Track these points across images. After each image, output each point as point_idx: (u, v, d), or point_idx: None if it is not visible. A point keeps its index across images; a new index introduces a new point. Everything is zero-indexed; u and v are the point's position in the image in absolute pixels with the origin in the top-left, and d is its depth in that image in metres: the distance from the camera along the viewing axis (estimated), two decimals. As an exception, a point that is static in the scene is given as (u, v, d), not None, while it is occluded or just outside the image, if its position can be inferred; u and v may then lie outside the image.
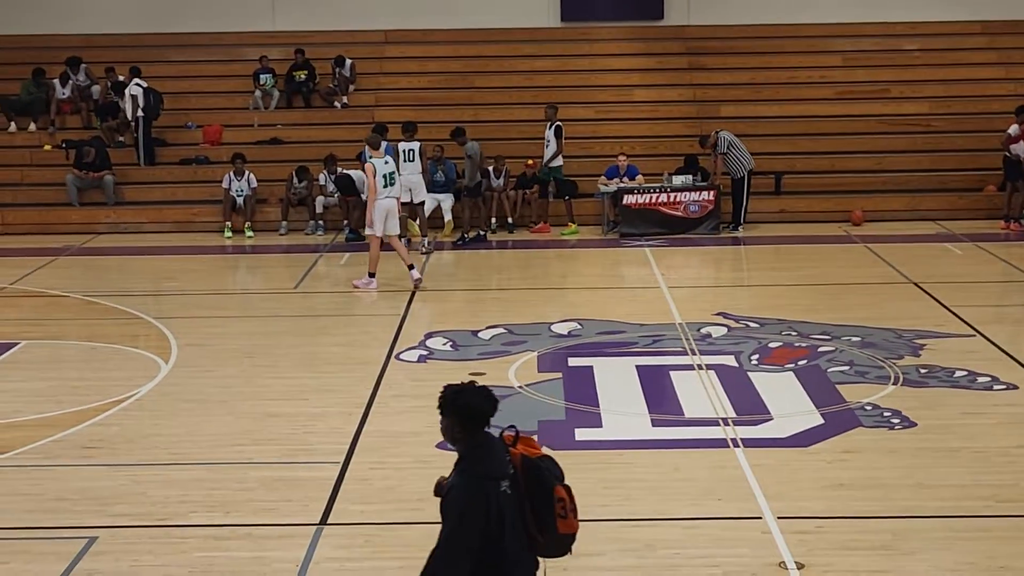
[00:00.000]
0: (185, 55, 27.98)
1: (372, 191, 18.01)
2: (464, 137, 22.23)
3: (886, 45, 27.85)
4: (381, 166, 18.07)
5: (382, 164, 18.12)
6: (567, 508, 6.04)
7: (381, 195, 17.99)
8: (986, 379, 12.93)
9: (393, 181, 18.16)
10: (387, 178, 18.08)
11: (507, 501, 5.85)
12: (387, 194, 18.07)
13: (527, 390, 12.83)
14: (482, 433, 5.93)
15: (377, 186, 17.93)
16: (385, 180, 18.03)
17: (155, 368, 13.88)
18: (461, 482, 5.83)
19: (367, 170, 18.15)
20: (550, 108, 23.03)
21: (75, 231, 23.22)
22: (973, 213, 23.32)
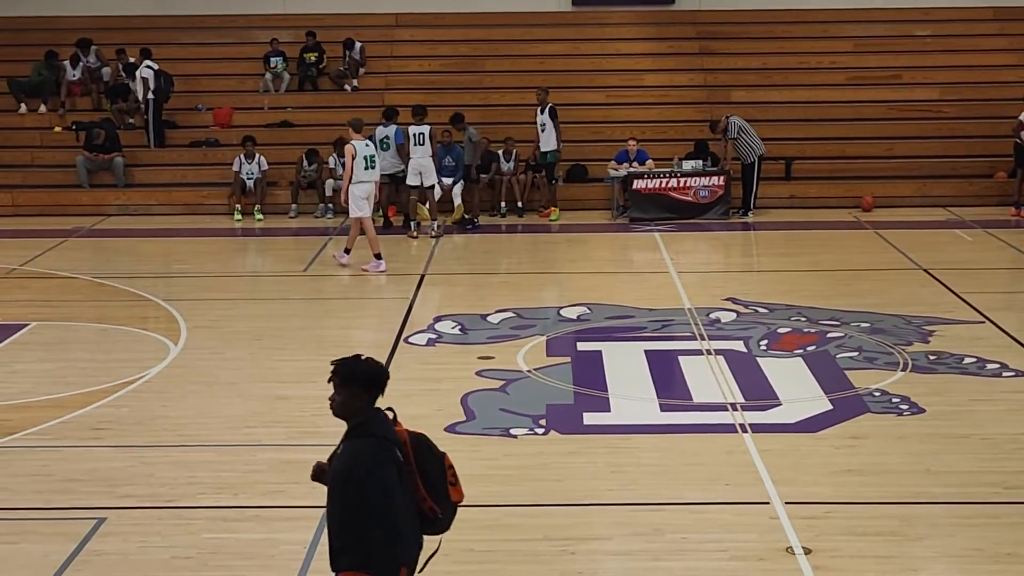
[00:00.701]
0: (196, 37, 27.96)
1: (348, 172, 18.12)
2: (463, 123, 22.14)
3: (897, 31, 27.75)
4: (362, 148, 18.18)
5: (363, 146, 18.22)
6: (456, 476, 6.18)
7: (361, 177, 18.11)
8: (995, 366, 12.92)
9: (374, 164, 18.29)
10: (368, 160, 18.16)
11: (402, 468, 5.91)
12: (367, 177, 18.20)
13: (536, 374, 12.84)
14: (374, 406, 5.99)
15: (356, 168, 18.02)
16: (366, 162, 18.14)
17: (164, 350, 13.91)
18: (360, 444, 5.88)
19: (346, 151, 18.26)
20: (541, 91, 22.85)
21: (85, 213, 23.23)
22: (983, 199, 23.27)
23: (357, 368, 5.99)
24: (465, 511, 9.27)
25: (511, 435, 10.98)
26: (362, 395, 5.95)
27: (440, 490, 6.10)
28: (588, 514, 9.34)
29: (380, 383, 6.00)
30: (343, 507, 5.88)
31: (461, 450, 10.59)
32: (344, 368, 5.98)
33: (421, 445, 6.09)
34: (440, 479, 6.10)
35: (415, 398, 12.06)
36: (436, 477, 6.09)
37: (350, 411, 5.97)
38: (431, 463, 6.09)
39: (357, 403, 5.96)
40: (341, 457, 5.95)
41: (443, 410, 11.63)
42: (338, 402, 5.98)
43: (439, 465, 6.12)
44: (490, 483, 9.85)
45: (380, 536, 5.80)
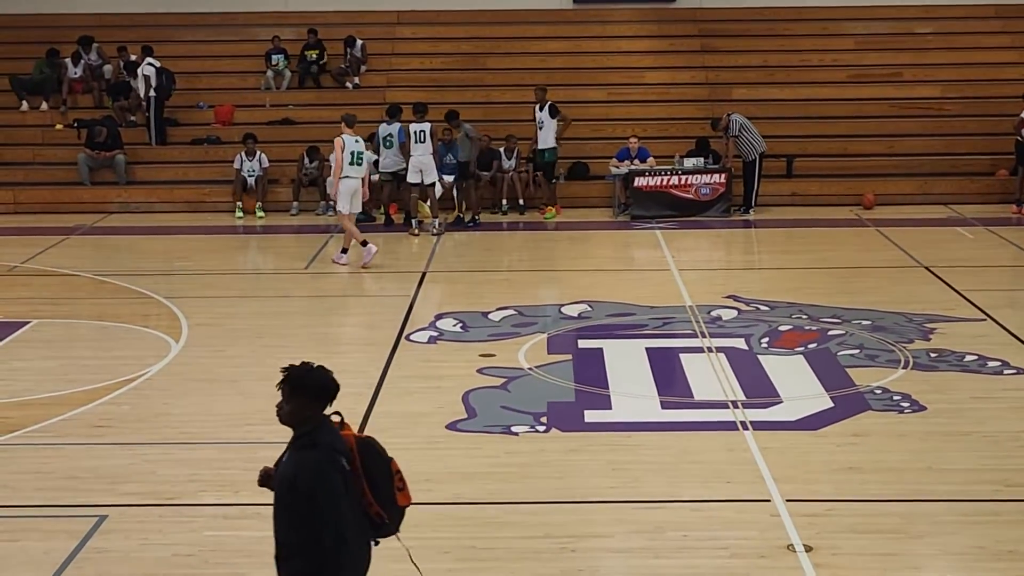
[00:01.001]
0: (197, 35, 27.98)
1: (337, 166, 18.18)
2: (458, 120, 22.05)
3: (899, 28, 27.75)
4: (351, 143, 18.25)
5: (352, 142, 18.29)
6: (403, 481, 6.17)
7: (347, 172, 18.20)
8: (996, 363, 12.92)
9: (360, 160, 18.38)
10: (354, 156, 18.23)
11: (348, 477, 5.89)
12: (353, 172, 18.27)
13: (537, 372, 12.84)
14: (322, 414, 5.96)
15: (344, 162, 18.06)
16: (352, 158, 18.23)
17: (166, 348, 13.91)
18: (306, 454, 5.85)
19: (336, 144, 18.34)
20: (540, 90, 22.84)
21: (86, 210, 23.24)
22: (985, 197, 23.26)
23: (308, 378, 5.95)
24: (466, 509, 9.33)
25: (512, 433, 10.99)
26: (311, 405, 5.91)
27: (386, 495, 6.08)
28: (589, 512, 9.34)
29: (330, 394, 5.96)
30: (288, 515, 5.88)
31: (462, 448, 10.63)
32: (294, 377, 5.93)
33: (368, 451, 6.07)
34: (387, 484, 6.08)
35: (416, 396, 12.08)
36: (382, 482, 6.06)
37: (298, 420, 5.93)
38: (378, 468, 6.07)
39: (305, 412, 5.91)
40: (287, 465, 5.92)
41: (444, 408, 11.63)
42: (286, 411, 5.93)
43: (386, 470, 6.10)
44: (491, 481, 9.86)
45: (330, 545, 5.81)
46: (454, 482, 9.83)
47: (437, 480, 9.87)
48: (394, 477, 6.11)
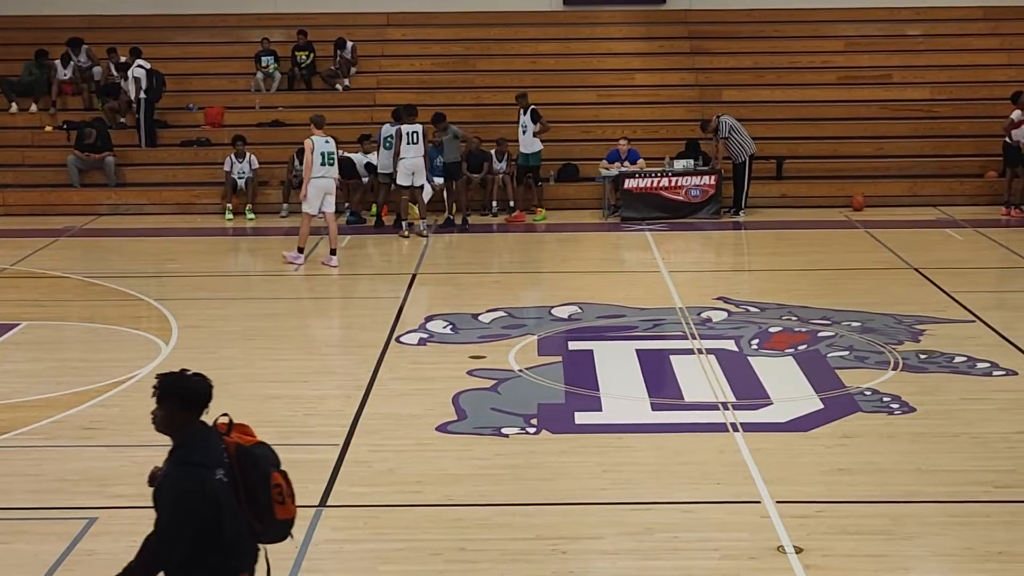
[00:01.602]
0: (187, 36, 27.95)
1: (308, 167, 18.25)
2: (445, 122, 21.86)
3: (889, 30, 27.81)
4: (321, 144, 18.30)
5: (322, 142, 18.35)
6: (284, 493, 6.04)
7: (317, 173, 18.24)
8: (985, 365, 12.94)
9: (332, 161, 18.43)
10: (325, 156, 18.28)
11: (223, 489, 5.80)
12: (324, 173, 18.35)
13: (527, 373, 12.84)
14: (199, 420, 5.90)
15: (314, 163, 18.13)
16: (323, 158, 18.28)
17: (156, 349, 13.89)
18: (175, 471, 5.78)
19: (306, 146, 18.41)
20: (521, 96, 22.84)
21: (76, 212, 23.21)
22: (974, 199, 23.32)
23: (176, 384, 5.87)
24: (456, 510, 9.33)
25: (502, 434, 10.99)
26: (181, 412, 5.84)
27: (263, 506, 5.99)
28: (579, 513, 9.35)
29: (200, 401, 5.88)
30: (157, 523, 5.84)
31: (452, 449, 10.63)
32: (164, 384, 5.86)
33: (246, 460, 5.97)
34: (264, 496, 5.98)
35: (406, 398, 12.07)
36: (260, 494, 5.98)
37: (169, 427, 5.86)
38: (256, 480, 5.98)
39: (176, 420, 5.84)
40: (160, 476, 5.87)
41: (434, 409, 11.63)
42: (159, 417, 5.86)
43: (264, 482, 5.99)
44: (481, 482, 9.86)
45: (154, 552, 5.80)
46: (444, 484, 9.83)
47: (427, 482, 9.88)
48: (272, 490, 6.00)
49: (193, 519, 5.71)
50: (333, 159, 18.46)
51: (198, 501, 5.71)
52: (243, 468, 5.95)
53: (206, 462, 5.81)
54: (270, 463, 6.08)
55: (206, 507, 5.72)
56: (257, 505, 5.97)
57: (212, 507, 5.74)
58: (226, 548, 5.84)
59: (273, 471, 6.04)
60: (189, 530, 5.71)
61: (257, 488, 5.96)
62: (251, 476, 5.96)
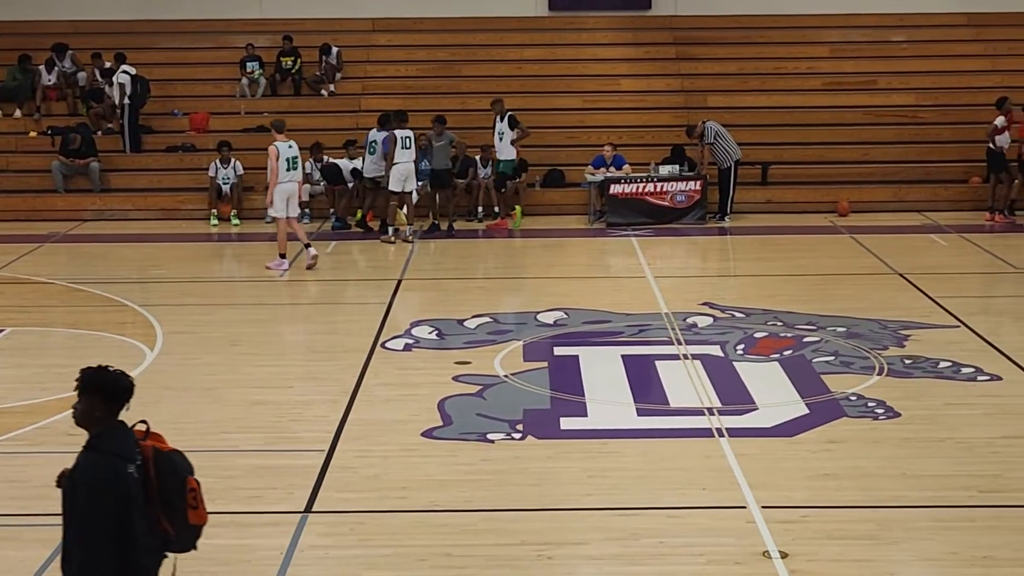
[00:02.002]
0: (172, 42, 27.90)
1: (273, 173, 18.33)
2: (443, 126, 21.97)
3: (873, 36, 27.88)
4: (285, 149, 18.39)
5: (286, 147, 18.43)
6: (198, 498, 6.09)
7: (284, 178, 18.35)
8: (970, 370, 12.97)
9: (296, 165, 18.52)
10: (290, 162, 18.40)
11: (135, 484, 5.85)
12: (289, 178, 18.45)
13: (513, 379, 12.84)
14: (117, 418, 5.92)
15: (280, 169, 18.22)
16: (288, 164, 18.38)
17: (140, 355, 13.86)
18: (88, 457, 5.82)
19: (270, 152, 18.48)
20: (497, 102, 22.84)
21: (61, 218, 23.15)
22: (958, 204, 23.41)
23: (97, 378, 5.89)
24: (442, 516, 9.31)
25: (488, 440, 10.98)
26: (101, 406, 5.85)
27: (177, 511, 6.02)
28: (565, 519, 9.34)
29: (121, 396, 5.90)
30: (69, 514, 5.87)
31: (438, 455, 10.62)
32: (85, 377, 5.87)
33: (164, 464, 5.99)
34: (179, 500, 6.00)
35: (392, 403, 12.06)
36: (175, 498, 5.99)
37: (88, 421, 5.88)
38: (171, 484, 5.99)
39: (95, 414, 5.86)
40: (72, 466, 5.90)
41: (420, 415, 11.62)
42: (79, 411, 5.88)
43: (180, 486, 6.01)
44: (467, 488, 9.86)
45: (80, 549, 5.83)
46: (430, 489, 9.82)
47: (413, 488, 9.87)
48: (188, 494, 6.02)
49: (108, 504, 5.73)
50: (297, 163, 18.59)
51: (111, 485, 5.75)
52: (160, 472, 5.97)
53: (122, 453, 5.84)
54: (185, 468, 6.10)
55: (118, 499, 5.75)
56: (172, 509, 6.00)
57: (124, 501, 5.77)
58: (138, 545, 5.84)
59: (188, 476, 6.07)
60: (106, 520, 5.74)
61: (173, 493, 6.00)
62: (168, 481, 5.99)
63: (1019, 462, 10.40)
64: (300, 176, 18.84)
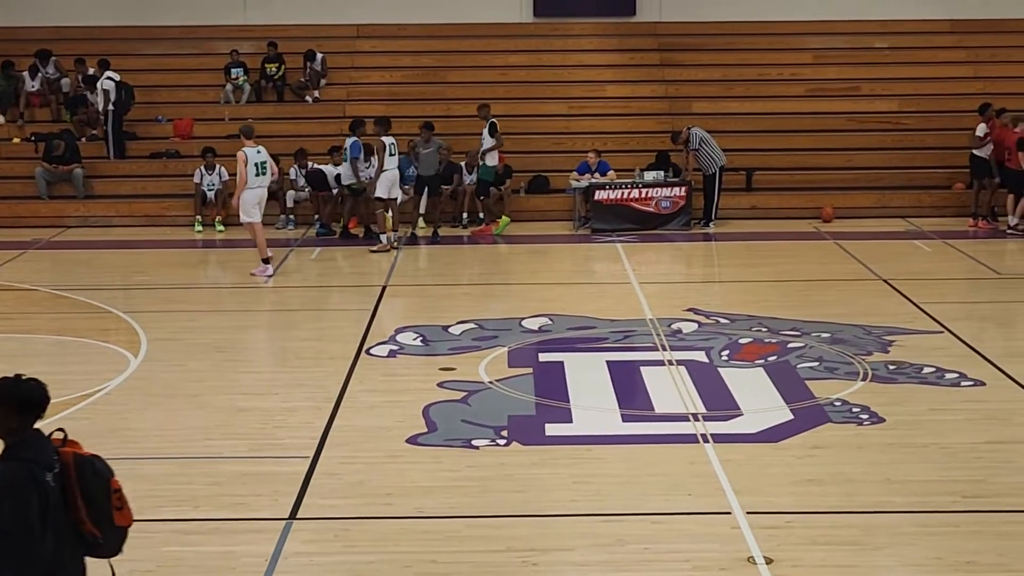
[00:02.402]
0: (156, 48, 27.87)
1: (242, 178, 18.41)
2: (431, 132, 21.94)
3: (856, 43, 27.96)
4: (253, 155, 18.50)
5: (254, 153, 18.54)
6: (123, 499, 6.08)
7: (253, 184, 18.44)
8: (954, 375, 13.00)
9: (264, 171, 18.61)
10: (258, 167, 18.50)
11: (52, 493, 5.82)
12: (258, 183, 18.57)
13: (498, 385, 12.83)
14: (33, 427, 5.91)
15: (249, 174, 18.31)
16: (257, 169, 18.48)
17: (124, 362, 13.83)
18: (8, 466, 5.78)
19: (239, 158, 18.58)
20: (484, 107, 22.85)
21: (44, 224, 23.10)
22: (941, 210, 23.48)
23: (11, 390, 5.88)
24: (427, 523, 9.30)
25: (473, 446, 10.97)
26: (14, 416, 5.83)
27: (103, 514, 5.99)
28: (550, 525, 9.34)
29: (35, 406, 5.89)
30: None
31: (423, 461, 10.61)
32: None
33: (86, 468, 5.97)
34: (104, 502, 5.98)
35: (377, 410, 12.05)
36: (100, 500, 5.97)
37: (3, 430, 5.85)
38: (95, 486, 5.97)
39: (10, 424, 5.83)
40: None
41: (404, 421, 11.61)
42: None
43: (104, 488, 5.99)
44: (452, 494, 9.85)
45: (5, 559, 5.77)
46: (415, 496, 9.81)
47: (397, 494, 9.86)
48: (112, 496, 6.00)
49: (18, 514, 5.68)
50: (266, 168, 18.67)
51: (26, 496, 5.71)
52: (81, 475, 5.94)
53: (39, 461, 5.82)
54: (108, 471, 6.08)
55: (32, 507, 5.71)
56: (98, 512, 5.97)
57: (40, 510, 5.73)
58: (51, 564, 5.80)
59: (111, 477, 6.06)
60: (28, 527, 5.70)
61: (98, 495, 5.97)
62: (91, 484, 5.96)
63: (1002, 467, 10.43)
64: (268, 181, 18.92)
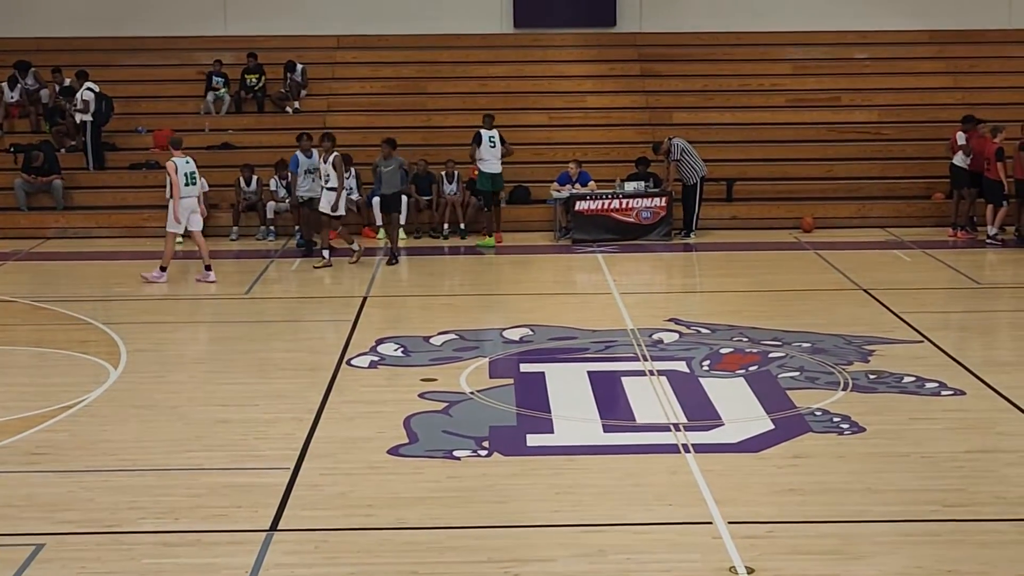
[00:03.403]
0: (136, 59, 27.83)
1: (175, 188, 18.58)
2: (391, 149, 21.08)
3: (836, 54, 28.07)
4: (183, 165, 18.66)
5: (184, 163, 18.68)
6: None
7: (184, 193, 18.63)
8: (934, 384, 13.03)
9: (194, 180, 18.76)
10: (188, 177, 18.68)
11: None
12: (188, 193, 18.73)
13: (479, 396, 12.82)
14: None
15: (179, 184, 18.50)
16: (186, 179, 18.65)
17: (104, 374, 13.77)
18: None
19: (168, 168, 18.71)
20: (488, 117, 22.89)
21: (24, 236, 23.02)
22: (921, 220, 23.57)
23: None
24: (408, 534, 9.29)
25: (454, 457, 10.96)
26: None
27: None
28: (532, 536, 9.32)
29: None
30: None
31: (404, 472, 10.59)
32: None
33: None
34: None
35: (357, 421, 12.02)
36: None
37: None
38: None
39: None
40: None
41: (385, 432, 11.59)
42: None
43: None
44: (433, 505, 9.83)
45: None
46: (396, 507, 9.79)
47: (379, 505, 9.83)
48: None
49: None
50: (195, 178, 18.85)
51: None
52: None
53: None
54: None
55: None
56: None
57: None
58: None
59: None
60: None
61: None
62: None
63: (983, 476, 10.46)
64: (199, 191, 19.04)
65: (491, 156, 22.38)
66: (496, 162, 22.40)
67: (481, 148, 22.22)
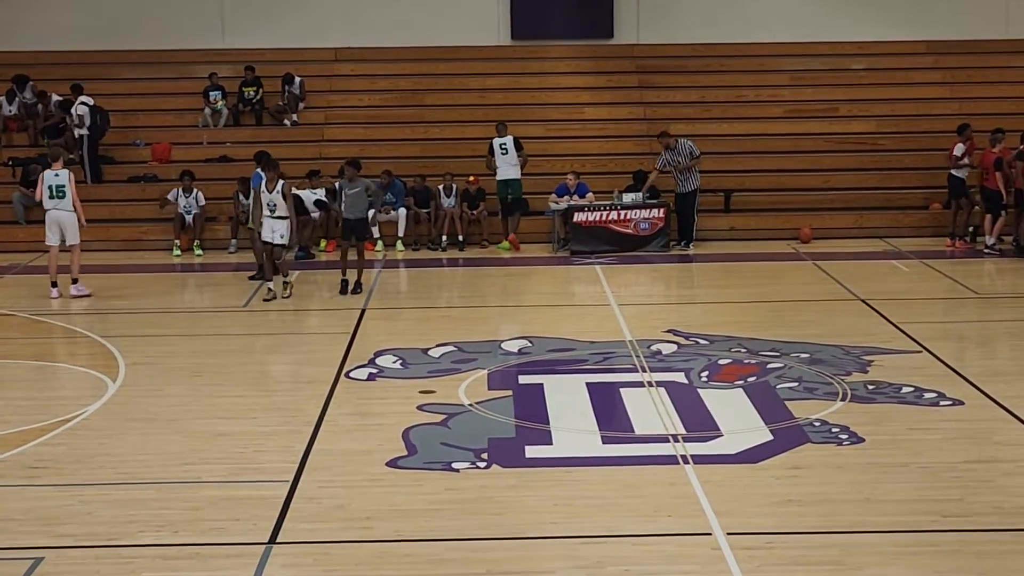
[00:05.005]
0: (134, 72, 27.86)
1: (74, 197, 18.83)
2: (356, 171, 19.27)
3: (833, 64, 28.13)
4: (50, 177, 18.86)
5: (51, 176, 18.86)
6: None
7: (47, 206, 18.79)
8: (932, 395, 13.03)
9: (62, 194, 18.81)
10: (53, 190, 18.80)
11: None
12: (52, 205, 18.83)
13: (478, 408, 12.81)
14: None
15: (43, 196, 18.79)
16: (51, 191, 18.79)
17: (102, 387, 13.76)
18: None
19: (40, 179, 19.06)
20: (502, 125, 23.05)
21: (21, 249, 23.00)
22: (919, 231, 23.59)
23: None
24: (407, 546, 9.29)
25: (453, 469, 10.95)
26: None
27: None
28: (531, 547, 9.32)
29: None
30: None
31: (403, 485, 10.58)
32: None
33: None
34: None
35: (356, 433, 12.02)
36: None
37: None
38: None
39: None
40: None
41: (384, 445, 11.58)
42: None
43: None
44: (432, 517, 9.82)
45: None
46: (395, 519, 9.78)
47: (377, 518, 9.83)
48: None
49: None
50: (63, 192, 18.86)
51: None
52: None
53: None
54: None
55: None
56: None
57: None
58: None
59: None
60: None
61: None
62: None
63: (982, 486, 10.45)
64: (69, 204, 18.94)
65: (504, 163, 22.59)
66: (509, 168, 22.60)
67: (494, 156, 22.41)
